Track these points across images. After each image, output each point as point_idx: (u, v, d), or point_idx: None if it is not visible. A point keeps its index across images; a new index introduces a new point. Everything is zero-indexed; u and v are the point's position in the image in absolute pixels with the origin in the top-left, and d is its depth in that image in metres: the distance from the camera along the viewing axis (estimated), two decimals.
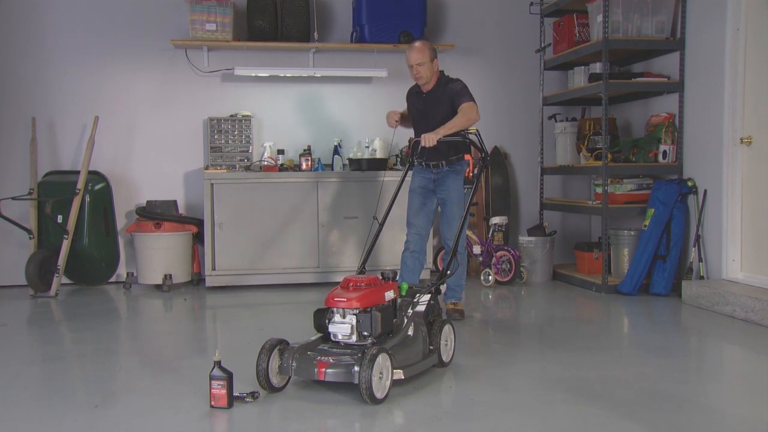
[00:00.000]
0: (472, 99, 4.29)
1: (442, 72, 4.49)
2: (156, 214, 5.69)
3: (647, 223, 5.34)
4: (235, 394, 2.93)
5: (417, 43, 4.39)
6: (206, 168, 5.90)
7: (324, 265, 5.85)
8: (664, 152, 5.47)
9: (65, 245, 5.53)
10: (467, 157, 6.32)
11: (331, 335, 3.13)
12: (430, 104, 4.42)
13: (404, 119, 4.59)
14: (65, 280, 5.82)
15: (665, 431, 2.68)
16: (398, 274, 4.31)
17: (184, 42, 5.97)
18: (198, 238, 5.88)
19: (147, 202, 5.83)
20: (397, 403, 2.95)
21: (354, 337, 3.08)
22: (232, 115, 6.11)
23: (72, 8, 6.01)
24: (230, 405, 2.88)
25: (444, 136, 4.04)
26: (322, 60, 6.36)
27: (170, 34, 6.05)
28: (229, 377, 2.88)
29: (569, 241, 6.62)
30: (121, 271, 6.03)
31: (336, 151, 6.22)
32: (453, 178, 4.45)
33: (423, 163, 4.47)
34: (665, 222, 5.30)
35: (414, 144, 4.22)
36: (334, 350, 3.07)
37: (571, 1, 5.91)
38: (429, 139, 4.02)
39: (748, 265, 4.98)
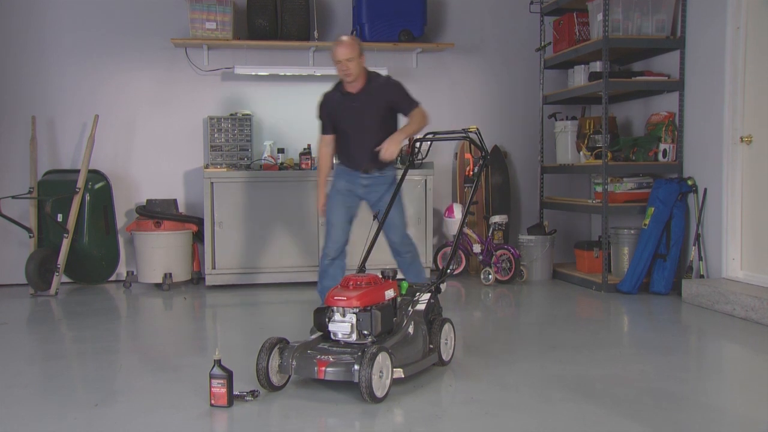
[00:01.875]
0: (418, 103, 4.13)
1: (368, 70, 4.16)
2: (156, 213, 5.69)
3: (647, 221, 5.34)
4: (235, 392, 2.93)
5: (345, 38, 4.07)
6: (206, 167, 5.90)
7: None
8: (664, 151, 5.46)
9: (65, 244, 5.53)
10: (468, 155, 6.37)
11: (331, 334, 3.13)
12: (361, 106, 4.09)
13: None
14: (65, 278, 5.82)
15: (665, 429, 2.68)
16: (318, 286, 4.19)
17: (184, 41, 5.97)
18: (198, 236, 5.88)
19: (147, 200, 5.83)
20: (397, 401, 2.95)
21: (354, 336, 3.08)
22: (232, 114, 6.11)
23: (72, 7, 6.01)
24: (230, 404, 2.88)
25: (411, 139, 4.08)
26: (322, 59, 6.35)
27: (170, 32, 6.04)
28: (229, 376, 2.88)
29: (569, 239, 6.62)
30: (121, 269, 6.03)
31: None
32: (386, 185, 4.17)
33: (351, 167, 4.18)
34: (665, 221, 5.30)
35: (374, 155, 4.01)
36: (334, 349, 3.07)
37: None
38: (390, 152, 3.90)
39: (748, 263, 4.98)
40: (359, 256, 3.69)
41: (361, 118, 4.08)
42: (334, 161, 4.33)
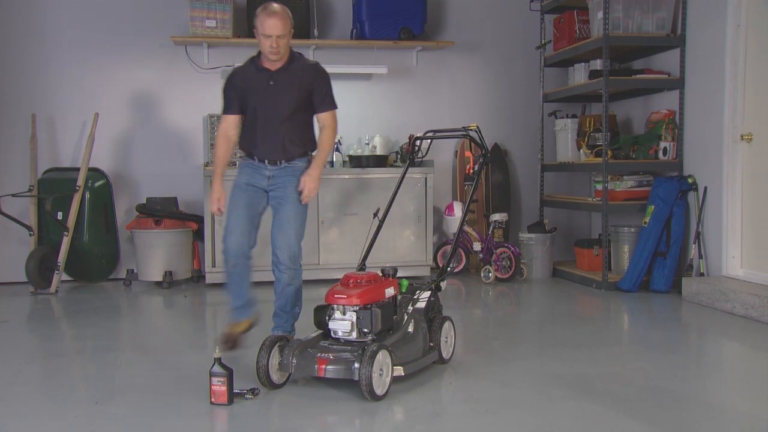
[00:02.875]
0: (336, 106, 3.67)
1: (291, 48, 3.64)
2: (156, 211, 5.68)
3: (647, 220, 5.34)
4: (235, 390, 2.93)
5: (276, 6, 3.47)
6: (206, 165, 5.89)
7: (324, 262, 5.85)
8: (665, 149, 5.46)
9: (65, 242, 5.53)
10: (468, 153, 6.37)
11: (332, 332, 3.14)
12: (279, 86, 3.56)
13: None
14: (65, 277, 5.82)
15: (665, 428, 2.68)
16: (227, 288, 3.71)
17: (184, 39, 5.97)
18: (198, 234, 5.88)
19: (147, 198, 5.82)
20: (397, 399, 2.95)
21: (354, 334, 3.08)
22: None
23: (72, 5, 6.00)
24: (230, 402, 2.89)
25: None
26: (322, 56, 6.34)
27: (170, 30, 6.04)
28: (229, 374, 2.88)
29: (569, 238, 6.62)
30: (121, 268, 6.03)
31: (336, 147, 6.21)
32: (292, 176, 3.63)
33: (255, 157, 3.65)
34: (665, 219, 5.30)
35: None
36: (335, 347, 3.08)
37: None
38: (312, 191, 3.55)
39: (749, 261, 4.98)
40: (359, 254, 3.69)
41: (275, 100, 3.56)
42: (238, 156, 3.88)
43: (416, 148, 4.15)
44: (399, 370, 3.01)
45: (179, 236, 5.71)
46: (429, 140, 4.15)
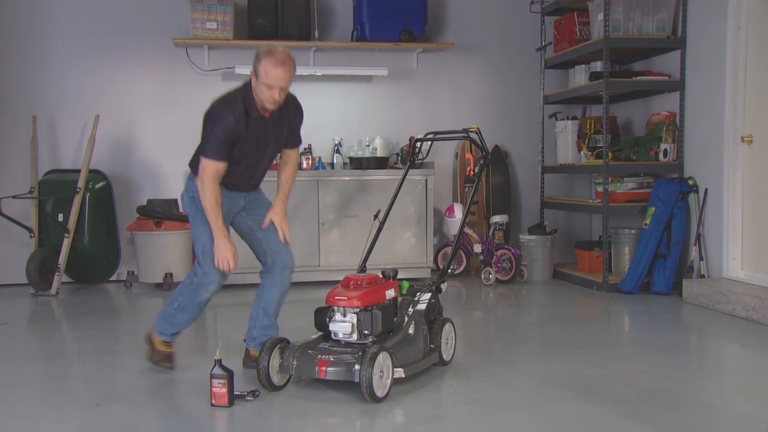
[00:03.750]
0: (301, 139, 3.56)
1: None
2: (156, 213, 5.68)
3: (648, 221, 5.34)
4: (236, 392, 2.93)
5: (284, 54, 3.15)
6: None
7: (324, 264, 5.85)
8: (665, 151, 5.46)
9: (66, 244, 5.53)
10: (469, 155, 6.37)
11: (332, 334, 3.13)
12: (272, 133, 3.33)
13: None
14: (66, 278, 5.82)
15: (665, 429, 2.68)
16: (183, 316, 3.41)
17: (185, 41, 5.97)
18: None
19: (147, 200, 5.82)
20: (398, 401, 2.95)
21: (355, 336, 3.08)
22: None
23: (73, 7, 6.01)
24: (231, 404, 2.89)
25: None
26: (323, 58, 6.35)
27: (171, 32, 6.04)
28: (229, 376, 2.88)
29: (570, 239, 6.62)
30: (122, 269, 6.03)
31: (337, 149, 6.22)
32: (261, 193, 3.58)
33: (232, 190, 3.38)
34: (666, 221, 5.30)
35: None
36: (335, 349, 3.07)
37: None
38: (285, 227, 3.40)
39: (749, 263, 4.98)
40: (360, 256, 3.69)
41: (266, 146, 3.33)
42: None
43: (417, 149, 4.16)
44: (399, 372, 3.01)
45: (179, 238, 5.71)
46: (429, 142, 4.15)
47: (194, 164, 3.35)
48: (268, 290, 3.47)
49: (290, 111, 3.37)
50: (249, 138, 3.22)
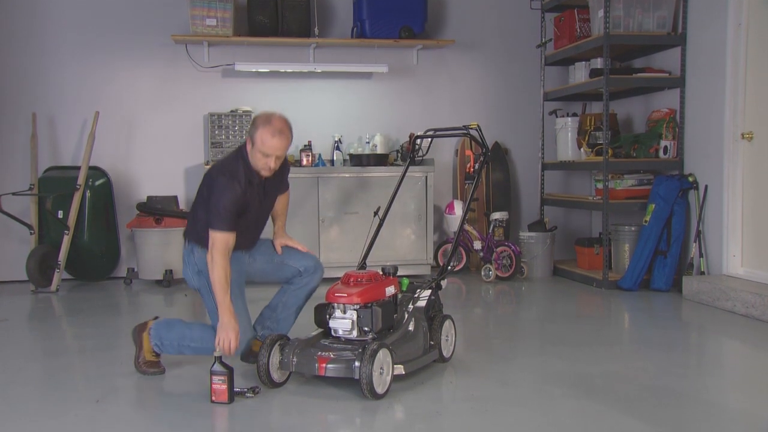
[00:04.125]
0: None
1: None
2: (156, 210, 5.68)
3: (648, 218, 5.34)
4: (236, 389, 2.93)
5: (281, 122, 3.12)
6: (207, 164, 5.89)
7: (325, 261, 5.82)
8: (665, 148, 5.46)
9: (66, 241, 5.53)
10: (469, 152, 6.37)
11: (332, 331, 3.13)
12: (269, 192, 3.37)
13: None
14: (66, 275, 5.83)
15: (665, 426, 2.68)
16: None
17: (185, 37, 5.97)
18: None
19: (147, 197, 5.82)
20: (398, 398, 2.95)
21: (355, 333, 3.08)
22: (232, 111, 6.10)
23: (73, 4, 6.00)
24: (231, 400, 2.89)
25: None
26: (323, 55, 6.35)
27: (170, 29, 6.04)
28: (229, 372, 2.88)
29: (570, 236, 6.62)
30: (122, 266, 6.04)
31: (337, 146, 6.22)
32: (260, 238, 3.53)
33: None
34: (666, 217, 5.30)
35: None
36: (335, 345, 3.07)
37: None
38: (297, 243, 3.44)
39: (749, 260, 4.98)
40: (360, 252, 3.69)
41: (266, 206, 3.39)
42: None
43: (417, 146, 4.15)
44: (399, 369, 3.01)
45: (180, 235, 5.67)
46: (429, 139, 4.15)
47: (192, 234, 3.30)
48: (296, 288, 3.48)
49: (281, 167, 3.30)
50: (252, 203, 3.23)
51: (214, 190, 3.17)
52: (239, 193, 3.11)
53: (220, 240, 3.07)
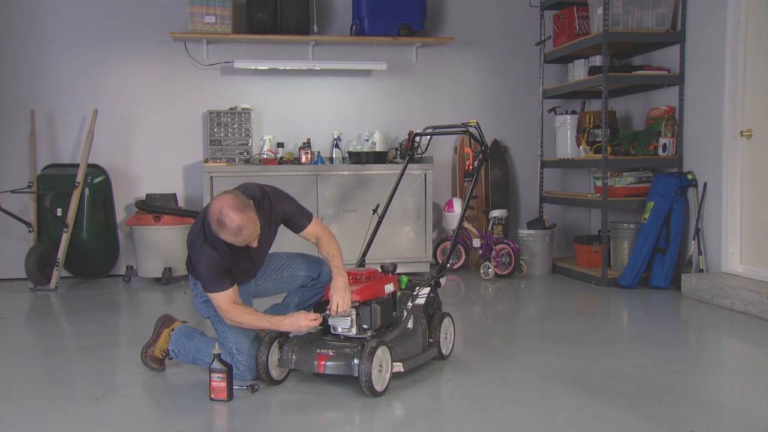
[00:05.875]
0: (311, 212, 3.40)
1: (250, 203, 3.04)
2: (155, 207, 5.68)
3: (647, 216, 5.34)
4: (235, 386, 2.94)
5: (239, 223, 2.86)
6: (206, 161, 5.89)
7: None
8: (664, 145, 5.46)
9: (65, 238, 5.53)
10: (468, 150, 6.37)
11: (331, 328, 3.14)
12: (261, 241, 3.16)
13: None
14: (65, 273, 5.82)
15: (664, 423, 2.68)
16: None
17: (184, 35, 5.96)
18: None
19: (146, 195, 5.82)
20: (397, 395, 2.96)
21: (354, 330, 3.08)
22: (231, 108, 6.10)
23: (71, 1, 5.99)
24: (230, 398, 2.89)
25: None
26: (322, 53, 6.34)
27: (169, 26, 6.03)
28: (228, 370, 2.88)
29: (569, 234, 6.63)
30: (121, 264, 6.03)
31: (336, 144, 6.21)
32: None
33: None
34: (665, 215, 5.30)
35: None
36: (334, 343, 3.08)
37: None
38: (344, 301, 3.05)
39: (748, 258, 4.98)
40: (359, 250, 3.69)
41: (261, 250, 3.25)
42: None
43: (416, 144, 4.15)
44: (398, 367, 3.01)
45: (178, 232, 5.71)
46: (428, 136, 4.15)
47: (192, 270, 3.23)
48: (313, 287, 3.52)
49: (272, 212, 3.21)
50: (240, 256, 3.10)
51: (192, 256, 3.09)
52: (216, 256, 2.97)
53: (221, 300, 3.01)
